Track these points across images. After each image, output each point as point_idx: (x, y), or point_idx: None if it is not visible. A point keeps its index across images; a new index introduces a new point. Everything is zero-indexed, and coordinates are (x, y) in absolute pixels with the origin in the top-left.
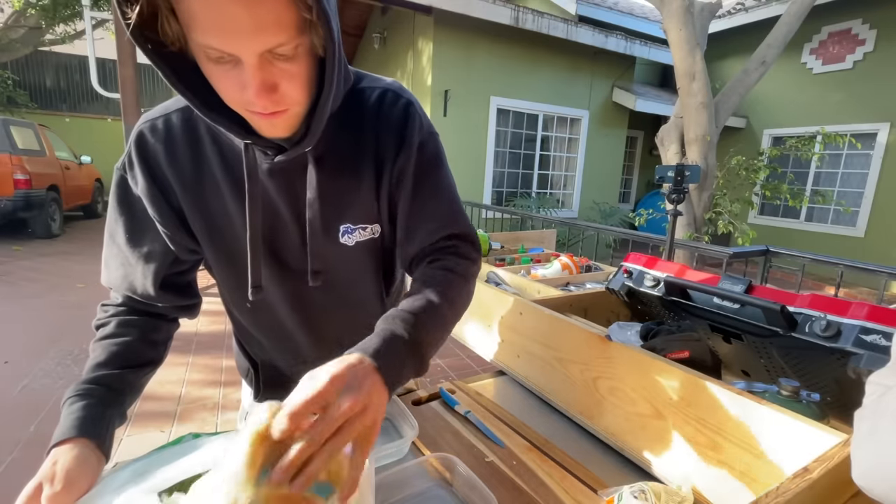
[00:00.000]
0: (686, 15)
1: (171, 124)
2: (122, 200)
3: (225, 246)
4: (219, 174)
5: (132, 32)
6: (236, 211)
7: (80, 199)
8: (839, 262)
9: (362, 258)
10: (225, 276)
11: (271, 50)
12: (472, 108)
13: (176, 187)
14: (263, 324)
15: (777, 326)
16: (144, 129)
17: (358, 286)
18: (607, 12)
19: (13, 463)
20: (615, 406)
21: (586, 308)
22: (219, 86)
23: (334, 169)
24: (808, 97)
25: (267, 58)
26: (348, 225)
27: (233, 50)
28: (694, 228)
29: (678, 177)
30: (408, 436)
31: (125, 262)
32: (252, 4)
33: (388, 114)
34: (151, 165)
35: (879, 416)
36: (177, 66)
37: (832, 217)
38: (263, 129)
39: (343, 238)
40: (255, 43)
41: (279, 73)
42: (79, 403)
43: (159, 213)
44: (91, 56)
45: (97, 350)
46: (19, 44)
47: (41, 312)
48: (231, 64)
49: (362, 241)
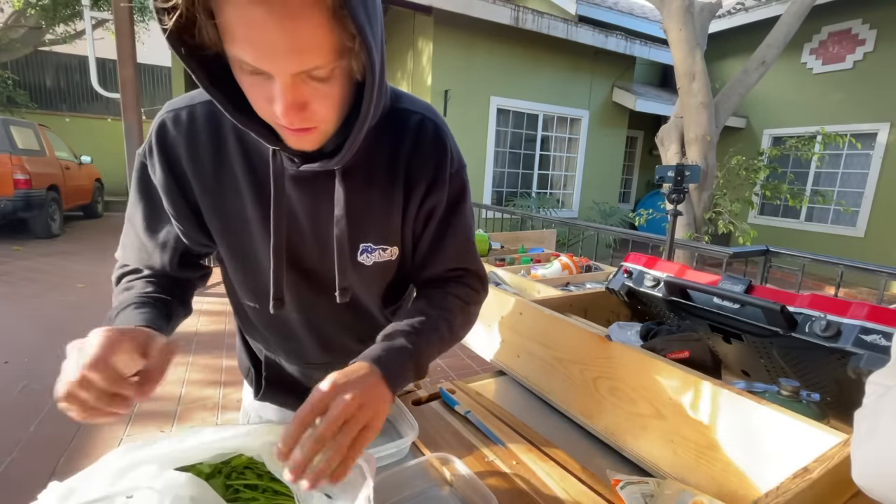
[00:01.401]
0: (686, 15)
1: (196, 116)
2: (141, 187)
3: (241, 249)
4: (240, 175)
5: (168, 37)
6: (255, 215)
7: (80, 199)
8: (839, 262)
9: (377, 278)
10: (240, 279)
11: (307, 71)
12: (472, 108)
13: (195, 184)
14: (273, 325)
15: (777, 326)
16: (167, 119)
17: (369, 301)
18: (607, 12)
19: (13, 463)
20: (615, 406)
21: (586, 308)
22: (249, 95)
23: (362, 185)
24: (808, 97)
25: (301, 77)
26: (369, 244)
27: (267, 68)
28: (694, 228)
29: (678, 177)
30: (408, 436)
31: (142, 247)
32: (291, 27)
33: (425, 145)
34: (170, 158)
35: (879, 416)
36: (210, 67)
37: (832, 217)
38: (290, 142)
39: (361, 257)
40: (289, 64)
41: (311, 93)
42: (138, 310)
43: (174, 207)
44: (91, 56)
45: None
46: (19, 44)
47: (41, 312)
48: (264, 77)
49: (380, 262)
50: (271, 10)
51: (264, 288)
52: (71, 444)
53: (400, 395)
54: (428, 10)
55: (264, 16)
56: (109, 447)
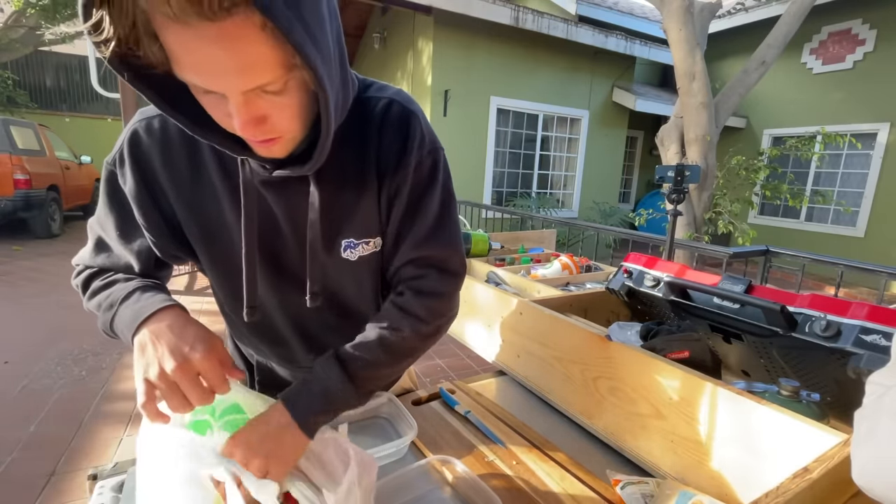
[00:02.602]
0: (686, 15)
1: (169, 124)
2: (112, 196)
3: (221, 254)
4: (217, 180)
5: (110, 61)
6: (233, 220)
7: (80, 199)
8: (839, 262)
9: (363, 272)
10: (220, 284)
11: (259, 87)
12: (472, 108)
13: (169, 190)
14: (259, 330)
15: (777, 326)
16: (139, 128)
17: (358, 299)
18: (607, 12)
19: (13, 463)
20: (615, 406)
21: (586, 308)
22: (209, 111)
23: (337, 183)
24: (808, 97)
25: (255, 92)
26: (351, 239)
27: (216, 88)
28: (694, 228)
29: (678, 177)
30: (407, 436)
31: (114, 254)
32: (233, 48)
33: (391, 127)
34: (143, 167)
35: (879, 416)
36: (162, 85)
37: (832, 217)
38: (259, 151)
39: (345, 253)
40: (239, 82)
41: (268, 106)
42: (148, 292)
43: (145, 217)
44: (91, 56)
45: (118, 279)
46: (19, 44)
47: (41, 312)
48: (218, 95)
49: (365, 255)
50: (209, 35)
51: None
52: (71, 444)
53: (399, 395)
54: (428, 10)
55: (204, 41)
56: (109, 447)
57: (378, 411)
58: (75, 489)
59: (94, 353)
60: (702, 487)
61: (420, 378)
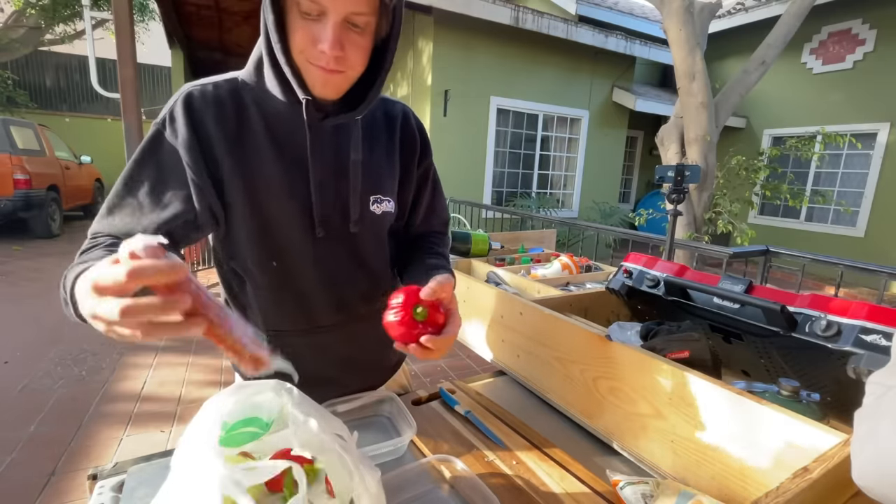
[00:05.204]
0: (686, 15)
1: (220, 90)
2: (151, 154)
3: (259, 205)
4: (261, 136)
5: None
6: (276, 171)
7: (80, 199)
8: (839, 262)
9: (382, 228)
10: (252, 236)
11: (352, 15)
12: (472, 108)
13: (219, 142)
14: (286, 284)
15: (777, 326)
16: (193, 91)
17: (373, 250)
18: (607, 12)
19: (13, 463)
20: (615, 406)
21: (586, 308)
22: (295, 36)
23: (374, 143)
24: (808, 97)
25: (346, 24)
26: (379, 195)
27: (326, 5)
28: (694, 228)
29: (678, 177)
30: (406, 434)
31: (134, 211)
32: None
33: (411, 125)
34: (196, 120)
35: (879, 416)
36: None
37: (832, 217)
38: (318, 83)
39: (373, 206)
40: (343, 5)
41: (349, 39)
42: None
43: (194, 162)
44: (91, 56)
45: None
46: (19, 44)
47: (41, 312)
48: (314, 20)
49: (386, 212)
50: None
51: (285, 242)
52: (71, 444)
53: (400, 395)
54: (428, 10)
55: None
56: (109, 447)
57: (379, 410)
58: (75, 489)
59: (94, 353)
60: (702, 487)
61: (420, 378)
